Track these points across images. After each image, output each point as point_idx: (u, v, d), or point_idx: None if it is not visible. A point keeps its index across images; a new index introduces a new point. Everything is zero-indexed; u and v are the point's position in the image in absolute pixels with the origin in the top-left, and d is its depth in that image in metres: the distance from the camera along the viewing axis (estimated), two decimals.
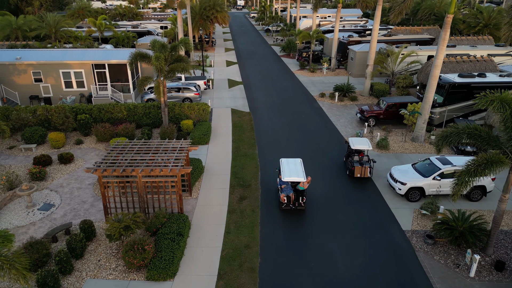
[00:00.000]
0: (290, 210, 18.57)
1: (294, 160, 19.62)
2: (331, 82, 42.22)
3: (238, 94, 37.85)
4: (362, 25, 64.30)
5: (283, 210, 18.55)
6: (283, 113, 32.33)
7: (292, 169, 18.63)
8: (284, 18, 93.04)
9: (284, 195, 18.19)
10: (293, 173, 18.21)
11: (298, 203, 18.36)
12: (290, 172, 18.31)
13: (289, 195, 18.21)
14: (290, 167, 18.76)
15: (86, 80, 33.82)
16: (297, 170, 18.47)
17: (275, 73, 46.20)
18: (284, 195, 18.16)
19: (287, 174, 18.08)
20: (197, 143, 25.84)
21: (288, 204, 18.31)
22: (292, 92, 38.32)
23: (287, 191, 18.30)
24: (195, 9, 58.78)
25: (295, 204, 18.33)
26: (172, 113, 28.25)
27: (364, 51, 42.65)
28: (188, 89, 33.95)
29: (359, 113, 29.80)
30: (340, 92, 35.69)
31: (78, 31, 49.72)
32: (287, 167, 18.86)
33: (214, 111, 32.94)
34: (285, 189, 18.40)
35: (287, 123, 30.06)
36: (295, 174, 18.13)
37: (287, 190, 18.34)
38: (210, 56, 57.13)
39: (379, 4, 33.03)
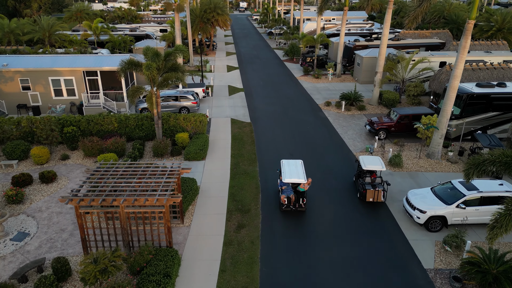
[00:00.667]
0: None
1: (295, 162, 19.41)
2: (337, 89, 40.07)
3: (238, 102, 35.76)
4: (368, 28, 62.13)
5: (284, 237, 16.44)
6: (286, 123, 30.20)
7: (292, 170, 18.50)
8: (287, 21, 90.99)
9: (285, 196, 18.16)
10: (294, 174, 18.09)
11: (298, 204, 18.28)
12: (290, 173, 18.17)
13: (289, 196, 18.17)
14: (291, 168, 18.64)
15: (77, 88, 31.85)
16: (298, 172, 18.35)
17: (277, 79, 44.10)
18: (285, 196, 18.13)
19: (288, 176, 17.95)
20: (193, 158, 23.75)
21: (289, 205, 18.29)
22: (295, 100, 36.19)
23: (287, 192, 18.27)
24: (195, 12, 56.83)
25: (296, 206, 18.27)
26: (166, 125, 26.17)
27: (372, 56, 40.52)
28: (186, 97, 31.90)
29: (368, 124, 27.64)
30: (347, 101, 33.53)
31: (73, 35, 47.84)
32: (288, 168, 18.73)
33: (213, 121, 30.86)
34: (286, 190, 18.37)
35: (291, 135, 27.92)
36: (295, 175, 18.01)
37: (287, 191, 18.31)
38: (211, 60, 55.13)
39: (389, 7, 30.88)
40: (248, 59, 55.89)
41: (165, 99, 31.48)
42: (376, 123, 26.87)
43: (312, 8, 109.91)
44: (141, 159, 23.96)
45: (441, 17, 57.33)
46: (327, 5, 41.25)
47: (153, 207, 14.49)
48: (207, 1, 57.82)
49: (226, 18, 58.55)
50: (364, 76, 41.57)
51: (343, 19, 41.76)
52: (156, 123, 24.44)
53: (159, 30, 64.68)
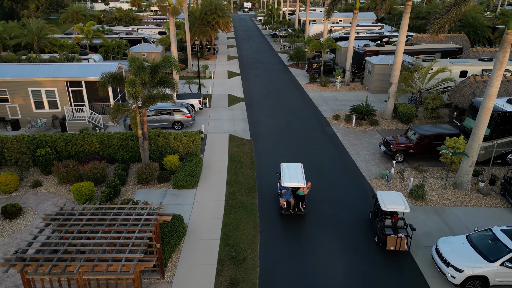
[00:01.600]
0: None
1: (295, 165, 19.23)
2: (346, 99, 36.83)
3: (238, 115, 32.63)
4: (377, 31, 58.77)
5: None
6: (291, 141, 27.04)
7: (292, 174, 18.30)
8: (292, 22, 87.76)
9: (284, 200, 18.08)
10: (293, 178, 17.90)
11: (298, 208, 18.20)
12: (290, 177, 18.00)
13: (289, 200, 18.10)
14: (291, 172, 18.46)
15: (60, 100, 28.90)
16: (297, 175, 18.16)
17: (281, 87, 40.92)
18: (284, 200, 18.08)
19: (287, 179, 17.78)
20: (183, 186, 20.67)
21: (288, 209, 18.19)
22: (300, 113, 33.00)
23: (287, 196, 18.20)
24: (195, 14, 53.78)
25: (295, 210, 18.19)
26: (154, 145, 23.10)
27: (384, 64, 37.27)
28: (179, 111, 28.83)
29: (383, 145, 24.42)
30: (357, 115, 30.29)
31: (65, 39, 44.95)
32: (288, 172, 18.53)
33: (209, 138, 27.77)
34: (285, 194, 18.29)
35: (296, 156, 24.75)
36: (295, 179, 17.81)
37: (287, 195, 18.23)
38: (211, 65, 52.05)
39: (406, 12, 27.59)
40: (251, 64, 52.75)
41: (156, 113, 28.45)
42: (392, 144, 23.63)
43: (318, 9, 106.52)
44: (123, 187, 20.91)
45: (456, 19, 53.77)
46: (336, 7, 38.07)
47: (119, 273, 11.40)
48: (207, 3, 54.77)
49: (228, 20, 55.46)
50: (375, 84, 38.30)
51: (353, 23, 38.50)
52: (141, 145, 21.38)
53: (158, 33, 61.72)
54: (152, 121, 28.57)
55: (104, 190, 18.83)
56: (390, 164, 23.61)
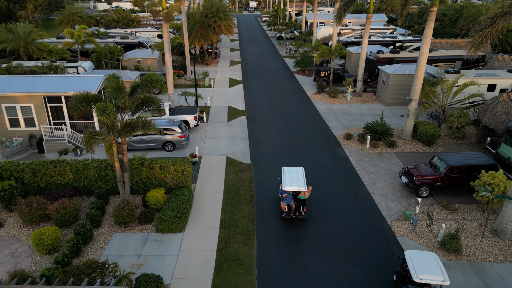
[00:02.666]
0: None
1: (296, 169, 19.20)
2: (358, 112, 33.31)
3: (238, 132, 29.27)
4: (390, 35, 55.06)
5: None
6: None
7: (293, 178, 18.32)
8: (299, 24, 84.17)
9: (285, 204, 18.06)
10: (294, 182, 17.91)
11: (298, 212, 18.18)
12: (291, 181, 18.00)
13: (289, 204, 18.09)
14: (292, 176, 18.45)
15: (37, 117, 25.76)
16: (298, 179, 18.17)
17: (286, 98, 37.49)
18: (285, 204, 18.04)
19: (288, 183, 17.77)
20: (167, 230, 17.38)
21: (289, 213, 18.16)
22: (307, 130, 29.56)
23: (288, 200, 18.14)
24: (195, 16, 50.47)
25: (296, 213, 18.17)
26: (137, 176, 19.82)
27: (400, 74, 33.72)
28: (171, 130, 25.55)
29: (405, 175, 20.95)
30: (372, 134, 26.81)
31: (54, 44, 41.87)
32: (289, 175, 18.55)
33: (204, 162, 24.47)
34: (286, 198, 18.23)
35: None
36: (296, 183, 17.81)
37: (288, 199, 18.17)
38: (212, 71, 48.72)
39: (431, 19, 24.01)
40: (254, 70, 49.33)
41: (144, 132, 25.20)
42: (415, 176, 20.12)
43: (325, 9, 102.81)
44: (98, 229, 17.65)
45: (500, 33, 49.79)
46: (348, 10, 34.56)
47: None
48: (208, 5, 51.43)
49: (230, 23, 52.08)
50: (390, 96, 34.74)
51: (366, 28, 34.95)
52: (119, 180, 18.09)
53: (157, 36, 58.46)
54: (140, 141, 25.33)
55: (71, 239, 15.58)
56: (413, 200, 20.12)
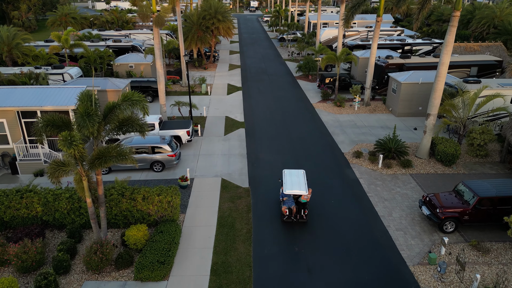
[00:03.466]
0: None
1: (297, 172, 18.98)
2: (367, 125, 30.51)
3: (235, 148, 26.53)
4: (398, 37, 52.16)
5: None
6: None
7: (294, 181, 18.11)
8: (301, 25, 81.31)
9: (286, 207, 17.86)
10: (295, 185, 17.68)
11: (299, 215, 18.00)
12: (292, 184, 17.78)
13: (290, 207, 17.90)
14: (293, 179, 18.27)
15: (11, 134, 23.05)
16: (300, 183, 17.96)
17: (289, 108, 34.70)
18: (286, 207, 17.84)
19: (289, 187, 17.57)
20: (147, 278, 14.63)
21: (290, 216, 17.94)
22: (312, 146, 26.79)
23: (289, 203, 17.92)
24: (192, 18, 47.72)
25: (297, 217, 17.95)
26: (117, 209, 17.10)
27: (413, 82, 30.92)
28: (160, 148, 22.80)
29: (425, 205, 18.19)
30: (385, 153, 24.03)
31: (41, 48, 39.17)
32: (290, 178, 18.35)
33: (196, 184, 21.74)
34: (287, 201, 17.98)
35: (310, 218, 18.57)
36: (297, 186, 17.59)
37: (289, 203, 17.95)
38: (209, 77, 45.94)
39: (453, 25, 21.19)
40: (254, 75, 46.53)
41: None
42: (439, 208, 17.33)
43: (329, 9, 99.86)
44: (67, 276, 14.93)
45: (490, 25, 46.94)
46: (357, 13, 31.65)
47: None
48: (206, 6, 48.66)
49: (229, 25, 49.27)
50: (401, 106, 31.92)
51: (375, 32, 32.12)
52: (92, 218, 15.35)
53: (153, 38, 55.63)
54: None
55: None
56: (436, 236, 17.33)
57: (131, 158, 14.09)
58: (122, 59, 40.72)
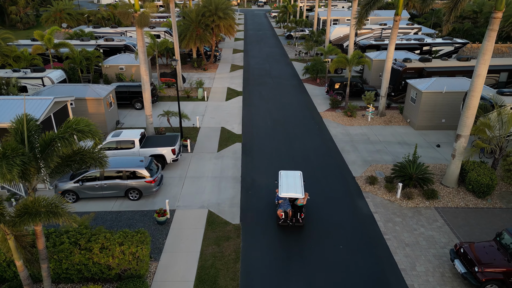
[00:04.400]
0: None
1: (294, 173, 18.22)
2: (382, 140, 26.59)
3: (229, 168, 22.87)
4: (415, 36, 47.78)
5: None
6: (302, 233, 17.16)
7: (290, 183, 17.37)
8: (310, 21, 76.97)
9: (282, 210, 17.13)
10: (291, 188, 16.94)
11: (295, 219, 17.20)
12: (288, 187, 17.05)
13: (286, 211, 17.13)
14: (289, 181, 17.55)
15: None
16: (296, 185, 17.20)
17: (293, 117, 30.88)
18: (282, 211, 17.10)
19: (285, 190, 16.85)
20: None
21: (286, 220, 17.16)
22: (319, 166, 23.00)
23: (284, 207, 17.22)
24: (190, 15, 43.97)
25: (293, 221, 17.17)
26: (67, 262, 13.57)
27: (436, 91, 26.90)
28: (135, 172, 19.22)
29: (459, 259, 14.36)
30: (405, 180, 20.14)
31: (23, 49, 35.83)
32: (286, 180, 17.66)
33: (177, 219, 18.16)
34: (283, 205, 17.27)
35: (309, 269, 14.88)
36: (293, 189, 16.83)
37: (284, 206, 17.24)
38: (208, 79, 42.23)
39: (492, 28, 17.12)
40: (257, 78, 42.71)
41: (99, 176, 18.97)
42: (477, 265, 13.49)
43: (339, 5, 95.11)
44: None
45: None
46: (372, 10, 27.58)
47: None
48: (206, 2, 44.86)
49: (231, 23, 45.41)
50: (422, 118, 27.90)
51: (393, 33, 28.05)
52: (24, 283, 11.82)
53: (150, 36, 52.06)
54: (95, 188, 19.09)
55: None
56: None
57: (66, 216, 10.44)
58: (112, 60, 37.24)
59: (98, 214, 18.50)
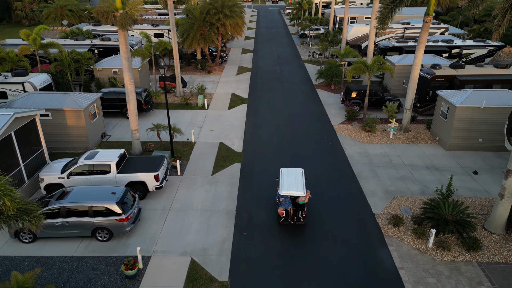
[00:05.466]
0: None
1: (295, 171, 17.73)
2: (407, 162, 22.50)
3: (222, 198, 19.16)
4: (442, 37, 43.09)
5: None
6: None
7: (291, 181, 16.90)
8: (326, 19, 72.55)
9: (283, 209, 16.61)
10: (292, 186, 16.52)
11: (297, 217, 16.75)
12: (289, 185, 16.61)
13: (287, 209, 16.61)
14: (290, 179, 17.07)
15: None
16: (297, 183, 16.73)
17: (303, 130, 26.96)
18: (283, 209, 16.61)
19: (286, 187, 16.44)
20: None
21: (287, 218, 16.76)
22: (331, 198, 19.11)
23: (285, 205, 16.72)
24: (194, 13, 40.29)
25: (294, 219, 16.76)
26: None
27: (473, 106, 22.64)
28: (104, 208, 15.67)
29: None
30: (439, 225, 16.08)
31: (8, 49, 32.71)
32: (287, 178, 17.15)
33: (152, 269, 14.58)
34: (284, 203, 16.79)
35: None
36: (294, 187, 16.43)
37: (285, 204, 16.75)
38: (212, 83, 38.54)
39: None
40: (266, 82, 38.84)
41: (61, 212, 15.51)
42: None
43: (358, 1, 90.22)
44: None
45: None
46: (395, 10, 23.31)
47: None
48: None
49: (239, 22, 41.50)
50: (455, 137, 23.68)
51: (422, 37, 23.79)
52: None
53: (153, 35, 48.70)
54: (57, 227, 15.64)
55: None
56: None
57: None
58: (105, 62, 33.85)
59: (56, 261, 15.04)
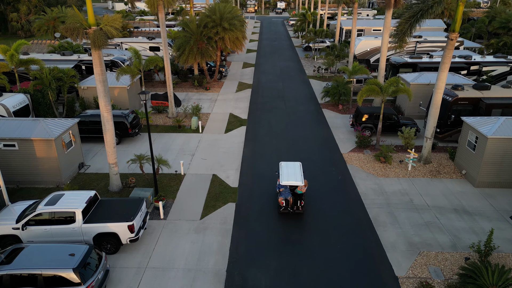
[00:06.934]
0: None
1: (294, 164, 18.88)
2: (430, 204, 19.11)
3: (211, 254, 15.85)
4: (459, 52, 39.85)
5: None
6: None
7: (290, 172, 18.02)
8: (332, 30, 69.61)
9: (283, 198, 17.73)
10: (292, 177, 17.66)
11: (296, 206, 17.97)
12: (288, 176, 17.74)
13: (287, 198, 17.76)
14: (289, 171, 18.15)
15: None
16: (296, 174, 17.89)
17: (308, 161, 23.65)
18: (283, 199, 17.74)
19: (285, 178, 17.56)
20: None
21: (286, 207, 17.89)
22: (340, 253, 15.73)
23: (285, 195, 17.80)
24: (191, 26, 37.41)
25: (293, 208, 17.93)
26: None
27: (508, 137, 19.27)
28: (57, 277, 12.38)
29: None
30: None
31: None
32: (286, 170, 18.25)
33: None
34: (283, 193, 17.86)
35: None
36: (293, 178, 17.58)
37: (285, 194, 17.82)
38: (209, 102, 35.43)
39: None
40: (268, 101, 35.70)
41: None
42: None
43: (363, 12, 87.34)
44: None
45: None
46: (415, 26, 20.13)
47: None
48: (210, 11, 38.27)
49: (238, 35, 38.52)
50: (485, 172, 20.31)
51: (446, 57, 20.58)
52: None
53: (149, 48, 45.85)
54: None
55: None
56: None
57: None
58: (90, 80, 30.94)
59: None
